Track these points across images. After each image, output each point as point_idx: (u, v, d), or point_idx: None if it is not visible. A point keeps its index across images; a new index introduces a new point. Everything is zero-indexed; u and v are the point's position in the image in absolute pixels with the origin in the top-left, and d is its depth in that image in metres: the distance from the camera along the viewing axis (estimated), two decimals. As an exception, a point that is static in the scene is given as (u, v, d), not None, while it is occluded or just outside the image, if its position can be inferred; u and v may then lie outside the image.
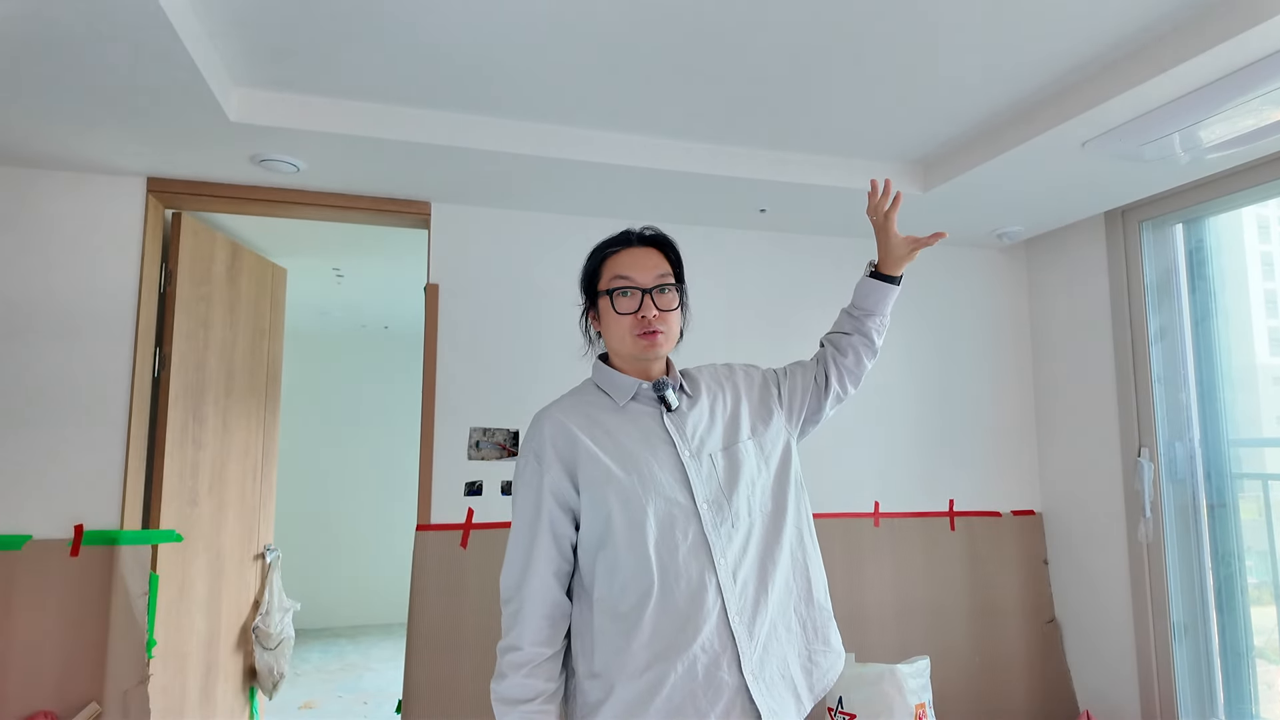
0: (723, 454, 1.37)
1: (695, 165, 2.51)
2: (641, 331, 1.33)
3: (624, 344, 1.35)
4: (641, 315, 1.33)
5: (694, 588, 1.25)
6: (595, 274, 1.40)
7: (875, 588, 3.11)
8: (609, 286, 1.35)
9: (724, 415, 1.42)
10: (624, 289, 1.34)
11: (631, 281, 1.34)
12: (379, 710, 4.19)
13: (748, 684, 1.25)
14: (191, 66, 1.82)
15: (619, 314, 1.34)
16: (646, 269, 1.36)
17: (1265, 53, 1.77)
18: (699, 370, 1.50)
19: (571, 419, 1.34)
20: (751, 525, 1.34)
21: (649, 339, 1.33)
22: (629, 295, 1.34)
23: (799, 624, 1.36)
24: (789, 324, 3.18)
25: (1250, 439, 2.70)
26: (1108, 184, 2.67)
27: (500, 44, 1.92)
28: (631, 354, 1.36)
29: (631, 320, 1.33)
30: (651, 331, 1.33)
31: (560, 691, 1.29)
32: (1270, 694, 2.62)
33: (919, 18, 1.80)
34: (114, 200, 2.56)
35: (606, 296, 1.35)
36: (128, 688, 2.40)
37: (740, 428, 1.41)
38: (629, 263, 1.36)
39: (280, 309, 3.58)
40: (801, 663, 1.34)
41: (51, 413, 2.45)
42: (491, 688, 1.27)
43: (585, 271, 1.43)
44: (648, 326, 1.33)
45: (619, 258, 1.37)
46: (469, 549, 2.71)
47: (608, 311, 1.36)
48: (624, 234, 1.42)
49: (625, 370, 1.40)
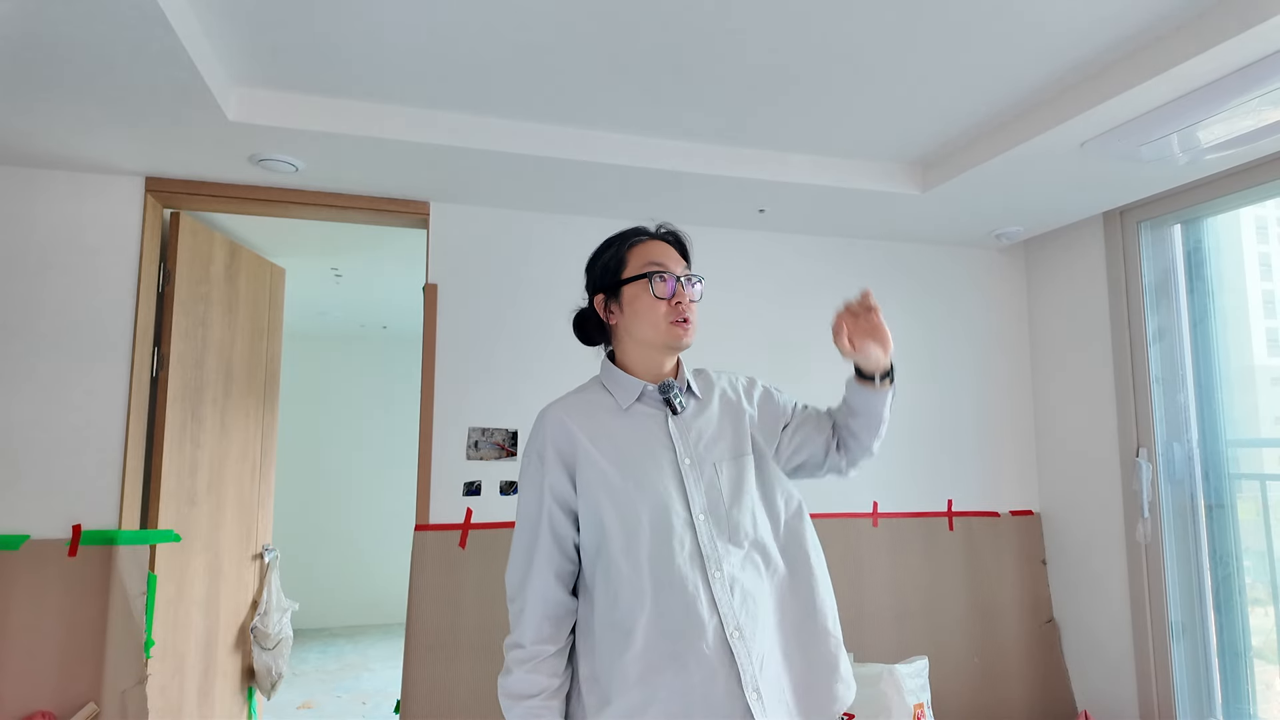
0: (729, 464, 1.34)
1: (695, 165, 2.51)
2: (676, 319, 1.32)
3: (656, 330, 1.32)
4: (677, 301, 1.32)
5: (689, 601, 1.22)
6: (620, 262, 1.36)
7: (874, 588, 3.11)
8: (644, 271, 1.33)
9: (735, 424, 1.39)
10: (660, 274, 1.33)
11: (666, 268, 1.34)
12: (377, 710, 4.19)
13: (748, 703, 1.20)
14: (190, 66, 1.82)
15: (657, 297, 1.32)
16: (674, 260, 1.37)
17: (1263, 53, 1.77)
18: (718, 374, 1.47)
19: (573, 418, 1.32)
20: (755, 540, 1.31)
21: (683, 326, 1.33)
22: (665, 280, 1.33)
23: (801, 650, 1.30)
24: (789, 324, 3.18)
25: (1248, 439, 2.71)
26: (1106, 184, 2.67)
27: (500, 44, 1.91)
28: (663, 342, 1.33)
29: (668, 306, 1.32)
30: (685, 319, 1.33)
31: (565, 687, 1.28)
32: (1268, 694, 2.63)
33: (918, 18, 1.80)
34: (112, 200, 2.56)
35: (642, 281, 1.33)
36: (126, 688, 2.39)
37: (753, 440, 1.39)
38: (659, 252, 1.36)
39: (279, 309, 3.58)
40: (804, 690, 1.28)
41: (50, 412, 2.45)
42: (499, 682, 1.28)
43: (605, 262, 1.38)
44: (682, 314, 1.32)
45: (647, 246, 1.37)
46: (468, 549, 2.71)
47: (639, 298, 1.33)
48: (642, 228, 1.41)
49: (633, 369, 1.37)
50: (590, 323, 1.43)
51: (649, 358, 1.36)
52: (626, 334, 1.37)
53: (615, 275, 1.36)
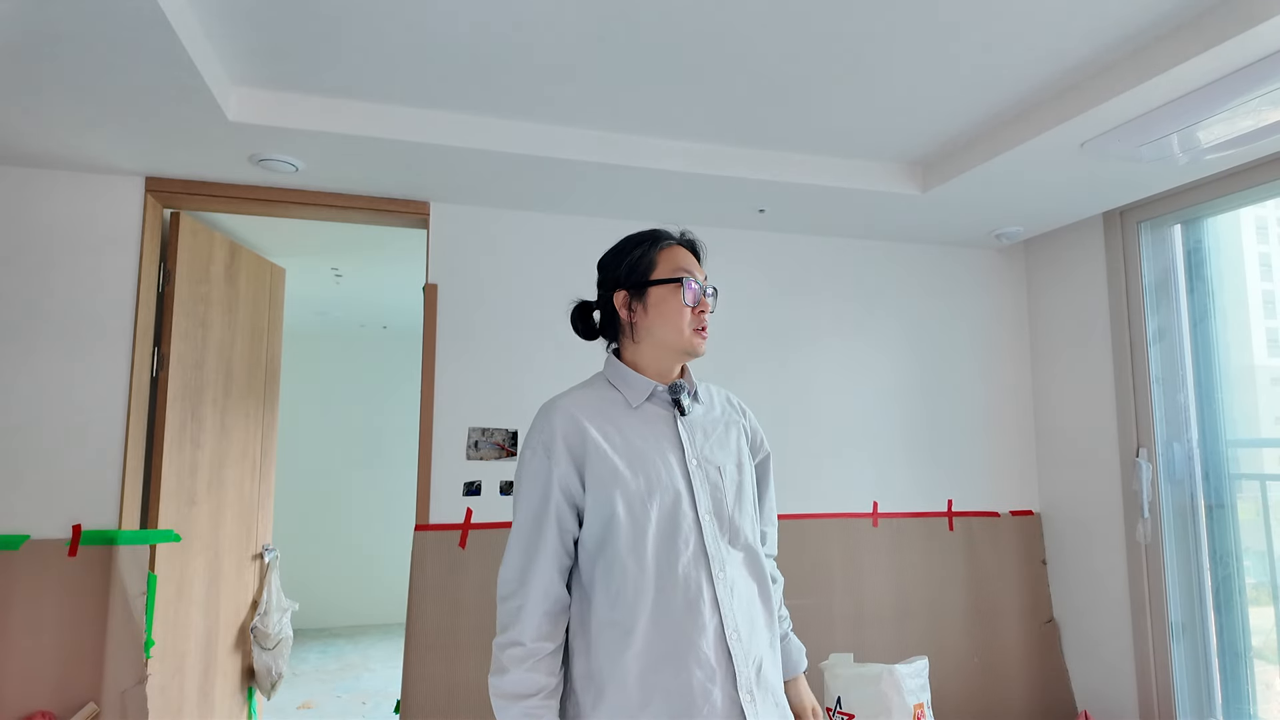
0: (733, 468, 1.38)
1: (695, 165, 2.51)
2: (698, 327, 1.35)
3: (679, 336, 1.34)
4: (700, 311, 1.36)
5: (691, 599, 1.23)
6: (650, 263, 1.36)
7: (874, 588, 3.12)
8: (674, 275, 1.35)
9: (736, 433, 1.44)
10: (692, 281, 1.35)
11: (695, 277, 1.36)
12: (377, 710, 4.19)
13: (742, 705, 1.22)
14: (190, 66, 1.82)
15: (685, 304, 1.34)
16: (698, 269, 1.39)
17: (1263, 53, 1.77)
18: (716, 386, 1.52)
19: (583, 412, 1.31)
20: (750, 545, 1.35)
21: (703, 335, 1.36)
22: (694, 288, 1.35)
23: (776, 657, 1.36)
24: (789, 324, 3.18)
25: (1248, 439, 2.71)
26: (1106, 185, 2.67)
27: (500, 44, 1.92)
28: (684, 348, 1.35)
29: (693, 314, 1.35)
30: (704, 328, 1.36)
31: (560, 687, 1.26)
32: (1268, 694, 2.63)
33: (918, 18, 1.80)
34: (112, 200, 2.56)
35: (672, 285, 1.34)
36: (126, 688, 2.39)
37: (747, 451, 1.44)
38: (686, 259, 1.38)
39: (279, 309, 3.58)
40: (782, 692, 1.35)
41: (50, 412, 2.45)
42: (490, 683, 1.23)
43: (632, 261, 1.37)
44: (703, 322, 1.36)
45: (675, 252, 1.38)
46: (468, 549, 2.71)
47: (666, 301, 1.34)
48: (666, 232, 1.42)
49: (644, 369, 1.38)
50: (592, 316, 1.43)
51: (663, 360, 1.38)
52: (646, 334, 1.37)
53: (644, 275, 1.36)
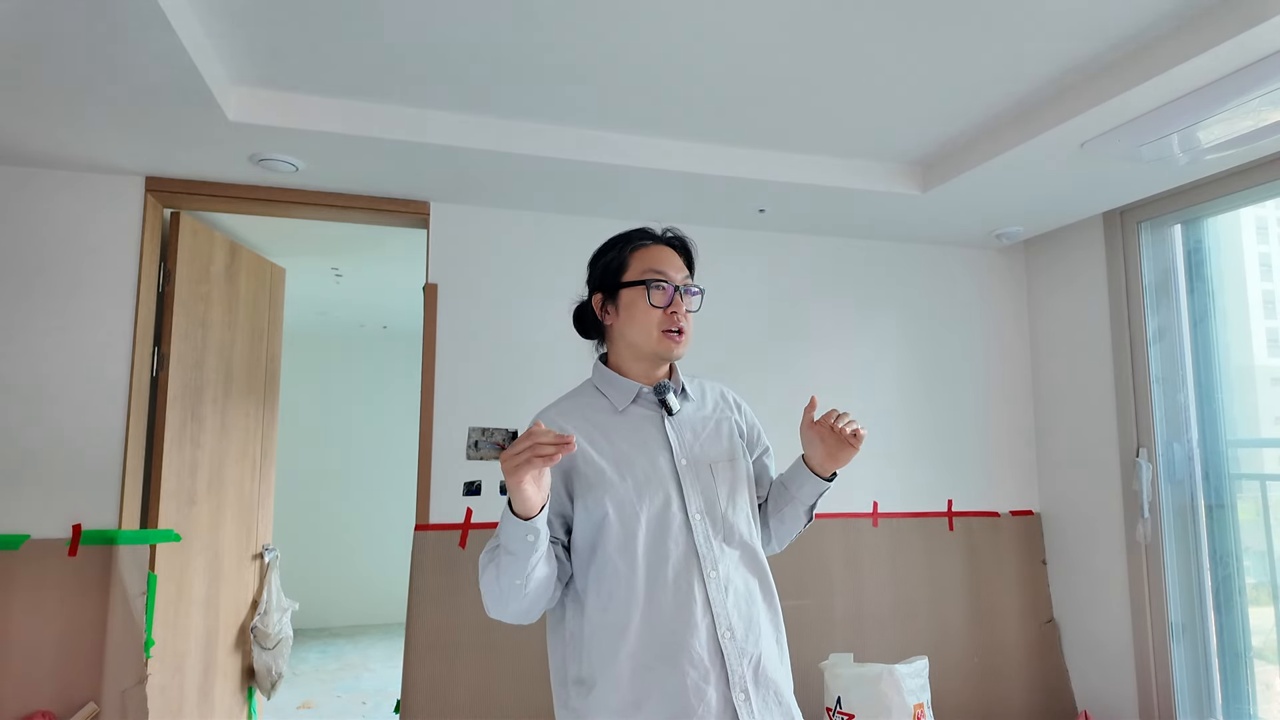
0: (725, 466, 1.36)
1: (695, 165, 2.51)
2: (669, 329, 1.33)
3: (648, 339, 1.33)
4: (672, 312, 1.33)
5: (682, 600, 1.23)
6: (621, 265, 1.36)
7: (874, 588, 3.12)
8: (642, 278, 1.34)
9: (728, 430, 1.42)
10: (658, 283, 1.33)
11: (666, 277, 1.34)
12: (377, 710, 4.19)
13: (735, 705, 1.21)
14: (190, 66, 1.82)
15: (653, 306, 1.32)
16: (676, 268, 1.37)
17: (1263, 53, 1.77)
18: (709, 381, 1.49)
19: (569, 422, 1.32)
20: (747, 543, 1.33)
21: (674, 338, 1.33)
22: (663, 289, 1.33)
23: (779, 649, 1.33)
24: (789, 324, 3.18)
25: (1248, 439, 2.71)
26: (1106, 185, 2.67)
27: (500, 43, 1.92)
28: (654, 351, 1.34)
29: (662, 315, 1.33)
30: (678, 330, 1.33)
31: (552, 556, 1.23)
32: (1268, 694, 2.63)
33: (918, 18, 1.80)
34: (113, 199, 2.56)
35: (639, 287, 1.33)
36: (126, 687, 2.39)
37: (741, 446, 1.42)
38: (661, 259, 1.36)
39: (279, 308, 3.58)
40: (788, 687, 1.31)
41: (50, 412, 2.45)
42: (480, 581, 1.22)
43: (606, 263, 1.39)
44: (676, 324, 1.33)
45: (650, 252, 1.36)
46: (468, 549, 2.71)
47: (635, 303, 1.33)
48: (648, 230, 1.40)
49: (627, 372, 1.38)
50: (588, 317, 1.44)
51: (640, 362, 1.37)
52: (620, 337, 1.37)
53: (615, 277, 1.37)
